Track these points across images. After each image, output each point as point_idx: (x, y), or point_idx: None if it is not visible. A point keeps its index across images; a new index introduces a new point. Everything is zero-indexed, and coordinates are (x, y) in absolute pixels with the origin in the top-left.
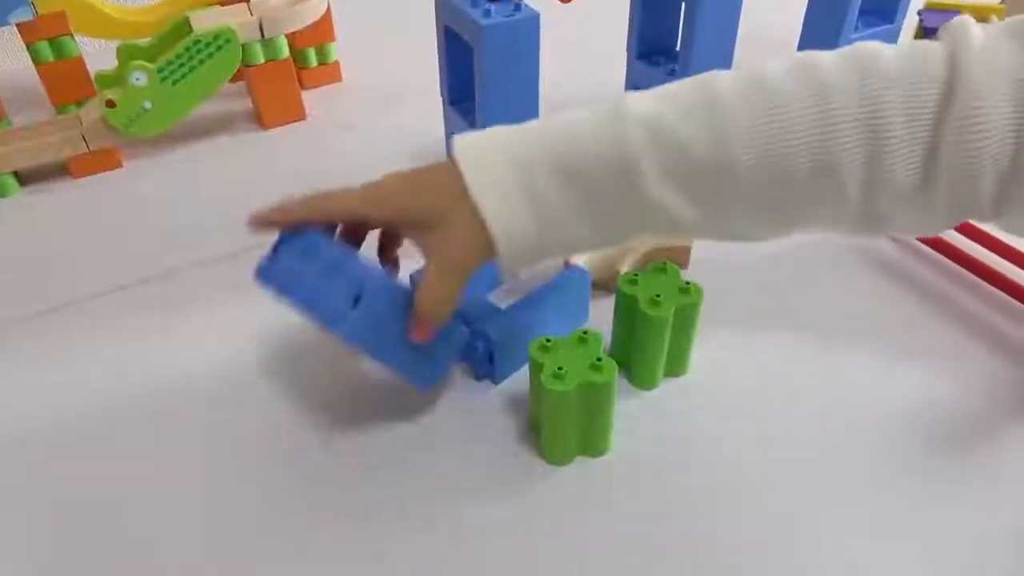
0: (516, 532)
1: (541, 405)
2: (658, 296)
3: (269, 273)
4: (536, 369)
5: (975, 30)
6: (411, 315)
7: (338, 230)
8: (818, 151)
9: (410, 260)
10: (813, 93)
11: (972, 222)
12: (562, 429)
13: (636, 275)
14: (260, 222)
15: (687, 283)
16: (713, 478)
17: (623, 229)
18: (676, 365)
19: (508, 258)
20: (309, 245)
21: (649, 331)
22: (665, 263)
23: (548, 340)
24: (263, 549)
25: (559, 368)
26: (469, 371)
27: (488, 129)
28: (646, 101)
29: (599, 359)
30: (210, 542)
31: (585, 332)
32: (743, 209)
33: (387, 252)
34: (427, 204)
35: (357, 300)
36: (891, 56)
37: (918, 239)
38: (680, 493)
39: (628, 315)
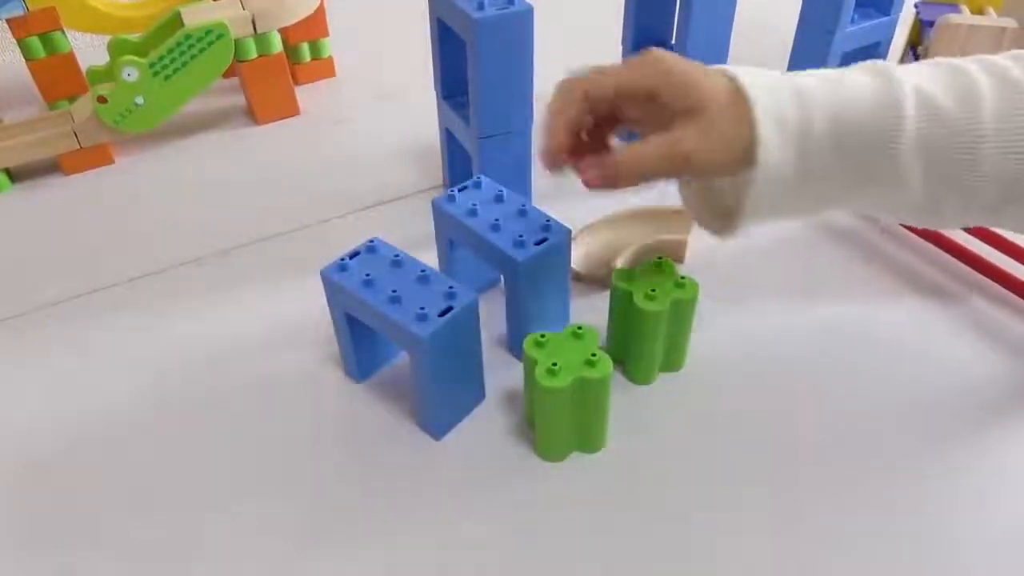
0: (511, 530)
1: (535, 401)
2: (653, 291)
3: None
4: (530, 365)
5: None
6: (600, 160)
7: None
8: None
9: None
10: None
11: None
12: (556, 425)
13: (631, 270)
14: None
15: (682, 278)
16: (709, 475)
17: (852, 198)
18: (672, 360)
19: (760, 190)
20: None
21: (644, 326)
22: (660, 258)
23: (543, 336)
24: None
25: (553, 364)
26: None
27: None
28: (910, 71)
29: (594, 355)
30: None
31: (580, 327)
32: (966, 198)
33: (601, 138)
34: (710, 89)
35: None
36: None
37: (915, 232)
38: (677, 489)
39: (623, 310)
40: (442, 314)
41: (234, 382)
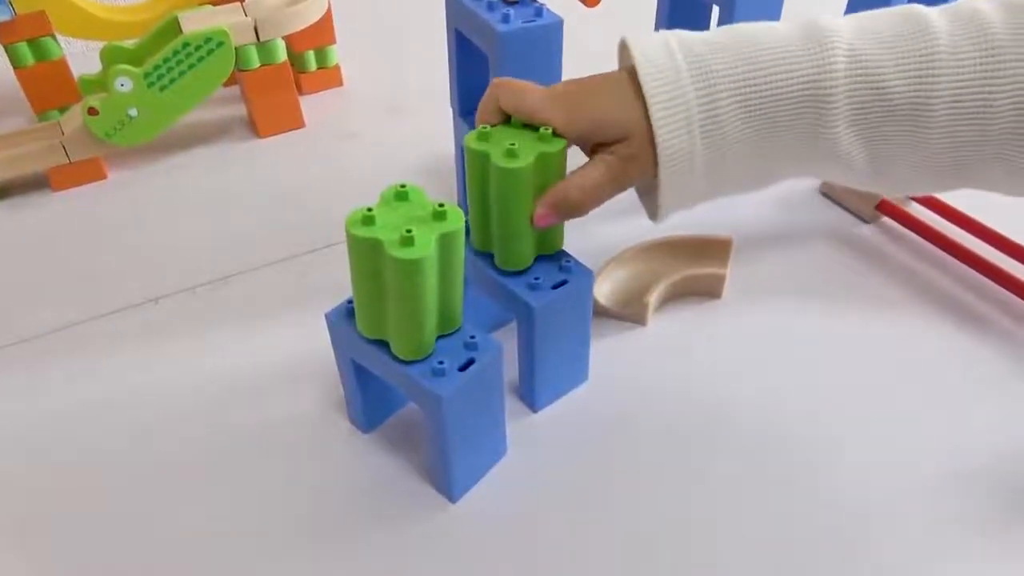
0: None
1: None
2: (513, 145)
3: None
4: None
5: None
6: (545, 197)
7: None
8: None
9: None
10: None
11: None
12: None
13: (486, 129)
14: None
15: (545, 131)
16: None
17: (781, 171)
18: (547, 239)
19: (668, 179)
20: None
21: (509, 190)
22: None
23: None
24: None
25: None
26: None
27: (664, 32)
28: (846, 28)
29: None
30: None
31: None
32: (920, 160)
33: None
34: (618, 119)
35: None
36: None
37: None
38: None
39: (480, 177)
40: (463, 368)
41: (229, 430)
